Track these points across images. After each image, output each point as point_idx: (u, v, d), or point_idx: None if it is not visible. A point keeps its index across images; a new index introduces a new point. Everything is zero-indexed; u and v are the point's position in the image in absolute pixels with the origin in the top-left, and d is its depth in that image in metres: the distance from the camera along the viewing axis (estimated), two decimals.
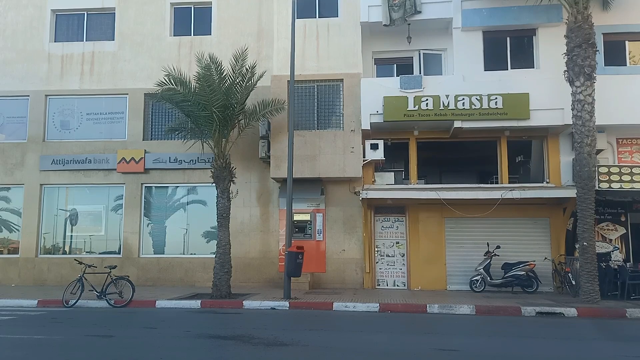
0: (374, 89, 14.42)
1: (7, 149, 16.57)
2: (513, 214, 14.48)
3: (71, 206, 16.49)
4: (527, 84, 13.99)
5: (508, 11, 14.56)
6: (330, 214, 15.22)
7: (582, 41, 12.10)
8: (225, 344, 7.45)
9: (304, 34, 15.05)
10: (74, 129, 16.64)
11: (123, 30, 16.70)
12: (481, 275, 13.92)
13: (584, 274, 11.81)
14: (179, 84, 13.25)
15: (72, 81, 16.63)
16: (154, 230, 16.14)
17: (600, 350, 7.46)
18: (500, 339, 8.18)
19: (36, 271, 15.96)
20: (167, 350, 7.11)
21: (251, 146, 15.27)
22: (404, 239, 15.17)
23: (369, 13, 14.94)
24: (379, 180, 15.27)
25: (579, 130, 12.13)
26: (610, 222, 14.46)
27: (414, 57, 15.72)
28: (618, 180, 13.19)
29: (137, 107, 16.30)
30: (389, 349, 7.30)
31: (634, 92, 13.66)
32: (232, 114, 13.31)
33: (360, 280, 14.85)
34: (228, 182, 13.18)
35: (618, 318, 10.63)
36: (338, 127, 14.94)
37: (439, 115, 14.13)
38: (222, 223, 13.02)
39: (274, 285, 14.61)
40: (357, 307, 11.21)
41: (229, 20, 16.28)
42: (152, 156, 15.89)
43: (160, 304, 11.73)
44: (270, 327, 9.16)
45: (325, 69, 15.02)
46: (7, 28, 17.12)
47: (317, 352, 7.09)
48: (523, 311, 10.85)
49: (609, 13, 14.15)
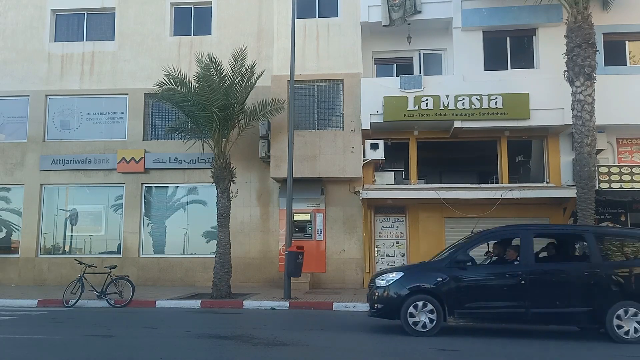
0: (374, 89, 14.42)
1: (7, 149, 16.57)
2: (513, 214, 14.44)
3: (71, 206, 16.50)
4: (527, 84, 13.99)
5: (508, 11, 14.56)
6: (331, 213, 15.22)
7: (582, 41, 12.11)
8: (225, 344, 7.45)
9: (304, 34, 15.05)
10: (74, 129, 16.64)
11: (123, 30, 16.70)
12: None
13: None
14: (179, 84, 13.26)
15: (72, 81, 16.63)
16: (154, 230, 16.14)
17: (600, 350, 7.46)
18: (500, 339, 8.18)
19: (36, 271, 15.96)
20: (167, 350, 7.11)
21: (251, 146, 15.27)
22: (404, 238, 15.17)
23: (369, 13, 14.94)
24: (379, 180, 15.27)
25: (579, 130, 12.13)
26: (610, 222, 14.45)
27: (414, 57, 15.72)
28: (618, 180, 13.20)
29: (137, 107, 16.30)
30: (389, 349, 7.30)
31: (634, 92, 13.65)
32: (232, 114, 13.31)
33: (360, 280, 14.85)
34: (228, 182, 13.18)
35: None
36: (338, 127, 14.94)
37: (439, 115, 14.13)
38: (222, 223, 13.03)
39: (274, 285, 14.60)
40: (357, 307, 11.21)
41: (229, 20, 16.27)
42: (152, 156, 15.89)
43: (160, 303, 11.73)
44: (270, 327, 9.17)
45: (325, 69, 15.02)
46: (7, 28, 17.12)
47: (317, 352, 7.09)
48: None
49: (609, 13, 14.14)
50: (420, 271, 8.54)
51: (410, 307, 7.97)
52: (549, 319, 8.07)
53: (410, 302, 7.99)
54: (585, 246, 8.68)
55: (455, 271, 8.10)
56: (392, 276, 8.33)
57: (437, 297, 7.98)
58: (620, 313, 7.66)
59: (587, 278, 7.89)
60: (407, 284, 8.16)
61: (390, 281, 8.26)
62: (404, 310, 7.98)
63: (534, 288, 7.89)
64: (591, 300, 7.78)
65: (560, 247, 9.25)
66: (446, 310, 7.94)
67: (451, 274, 8.07)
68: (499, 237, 9.18)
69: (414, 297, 8.01)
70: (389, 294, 8.20)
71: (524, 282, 7.88)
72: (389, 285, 8.24)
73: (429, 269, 8.50)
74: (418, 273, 8.47)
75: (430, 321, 7.93)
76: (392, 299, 8.14)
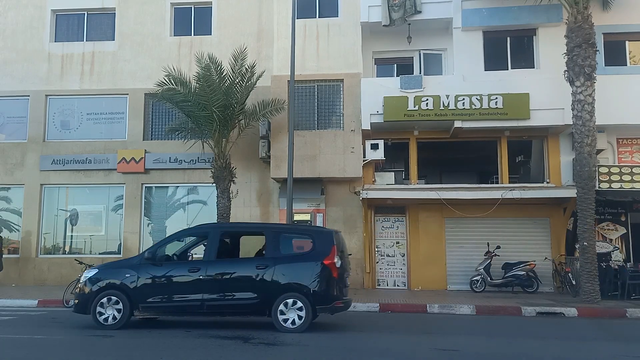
0: (374, 89, 14.42)
1: (7, 149, 16.56)
2: (513, 214, 14.48)
3: (71, 206, 16.49)
4: (527, 84, 13.99)
5: (508, 11, 14.56)
6: (331, 214, 15.21)
7: (582, 41, 12.09)
8: (226, 343, 7.45)
9: (304, 34, 15.05)
10: (74, 129, 16.64)
11: (123, 30, 16.70)
12: (481, 275, 13.92)
13: (584, 274, 11.81)
14: (179, 84, 13.27)
15: (72, 81, 16.63)
16: (154, 230, 16.13)
17: (601, 350, 7.46)
18: (500, 339, 8.18)
19: (36, 271, 15.96)
20: (167, 350, 7.10)
21: (251, 146, 15.26)
22: (404, 238, 15.17)
23: (369, 13, 14.94)
24: (379, 180, 15.27)
25: (579, 130, 12.12)
26: (610, 222, 14.47)
27: (414, 57, 15.72)
28: (618, 180, 13.21)
29: (137, 107, 16.30)
30: (389, 349, 7.29)
31: (634, 92, 13.66)
32: (232, 114, 13.32)
33: (360, 280, 14.84)
34: (228, 182, 13.19)
35: (618, 318, 10.64)
36: (338, 127, 14.94)
37: (439, 115, 14.13)
38: None
39: None
40: (357, 307, 11.18)
41: (229, 20, 16.27)
42: (153, 156, 15.89)
43: None
44: (270, 327, 9.15)
45: (325, 69, 15.02)
46: (7, 28, 17.11)
47: (317, 352, 7.09)
48: (523, 311, 10.86)
49: (609, 13, 14.14)
50: (114, 268, 9.04)
51: (99, 302, 8.42)
52: (222, 310, 8.60)
53: (99, 298, 8.44)
54: (264, 242, 9.18)
55: (144, 267, 8.59)
56: (89, 273, 8.81)
57: (125, 292, 8.44)
58: (285, 304, 8.26)
59: (258, 272, 8.43)
60: (99, 281, 8.60)
61: (86, 277, 8.73)
62: (93, 306, 8.43)
63: (211, 282, 8.41)
64: (261, 292, 8.37)
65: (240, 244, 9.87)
66: (132, 304, 8.41)
67: (140, 270, 8.56)
68: (194, 234, 9.60)
69: (103, 292, 8.47)
70: (84, 289, 8.65)
71: (202, 277, 8.41)
72: (85, 282, 8.70)
73: (122, 265, 9.15)
74: (111, 270, 8.91)
75: (116, 315, 8.39)
76: (85, 295, 8.59)
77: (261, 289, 8.36)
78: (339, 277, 8.47)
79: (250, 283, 8.39)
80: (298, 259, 8.69)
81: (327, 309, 8.49)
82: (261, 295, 8.34)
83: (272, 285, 8.34)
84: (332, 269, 8.37)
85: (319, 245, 8.60)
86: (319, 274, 8.33)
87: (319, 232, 9.22)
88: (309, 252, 8.67)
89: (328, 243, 8.57)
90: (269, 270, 8.37)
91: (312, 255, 8.56)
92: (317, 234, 8.99)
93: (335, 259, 8.42)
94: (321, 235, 8.93)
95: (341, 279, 8.56)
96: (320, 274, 8.33)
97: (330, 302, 8.38)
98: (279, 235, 8.93)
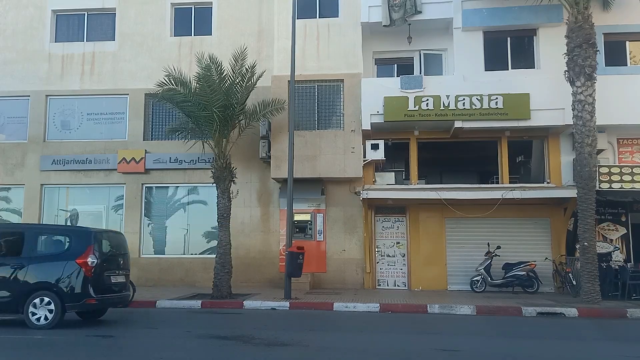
0: (375, 89, 14.41)
1: (7, 149, 16.56)
2: (513, 214, 14.47)
3: (72, 206, 16.49)
4: (528, 84, 13.98)
5: (508, 11, 14.54)
6: (331, 214, 15.21)
7: (582, 41, 12.09)
8: (226, 344, 7.45)
9: (304, 34, 15.04)
10: (75, 129, 16.63)
11: (123, 31, 16.69)
12: (482, 276, 13.92)
13: (585, 274, 11.80)
14: (180, 84, 13.26)
15: (72, 81, 16.62)
16: (155, 230, 16.13)
17: (601, 350, 7.46)
18: (500, 339, 8.18)
19: None
20: (167, 350, 7.11)
21: (251, 146, 15.25)
22: (405, 239, 15.16)
23: (369, 13, 14.92)
24: (379, 181, 15.27)
25: (580, 130, 12.12)
26: (610, 222, 14.44)
27: (414, 57, 15.70)
28: (619, 180, 13.21)
29: (138, 107, 16.30)
30: (389, 349, 7.30)
31: (634, 92, 13.65)
32: (232, 114, 13.31)
33: (360, 280, 14.84)
34: (228, 182, 13.18)
35: (619, 318, 10.64)
36: (338, 127, 14.93)
37: (440, 115, 14.13)
38: (222, 223, 13.02)
39: (274, 286, 14.59)
40: (357, 307, 11.20)
41: (229, 20, 16.27)
42: (153, 156, 15.88)
43: (160, 304, 11.71)
44: (270, 327, 9.16)
45: (325, 69, 15.02)
46: (7, 28, 17.11)
47: (317, 353, 7.09)
48: (524, 311, 10.84)
49: (609, 13, 14.13)
50: None
51: None
52: None
53: None
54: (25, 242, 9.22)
55: None
56: None
57: None
58: (36, 302, 8.56)
59: (12, 271, 8.71)
60: None
61: None
62: None
63: None
64: (14, 291, 8.66)
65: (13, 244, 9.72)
66: None
67: None
68: None
69: None
70: None
71: None
72: None
73: None
74: None
75: None
76: None
77: (14, 288, 8.65)
78: (94, 275, 8.79)
79: (5, 282, 8.68)
80: (52, 258, 8.97)
81: (76, 307, 8.82)
82: (15, 294, 8.62)
83: (25, 284, 8.65)
84: (84, 267, 8.70)
85: (75, 245, 8.99)
86: (70, 273, 8.68)
87: (75, 232, 9.73)
88: (63, 252, 9.03)
89: (84, 243, 8.98)
90: (23, 270, 8.70)
91: (66, 254, 8.91)
92: (73, 234, 9.43)
93: (89, 258, 8.75)
94: (78, 235, 9.38)
95: (98, 278, 8.88)
96: (71, 272, 8.69)
97: (80, 300, 8.68)
98: (37, 235, 9.25)
